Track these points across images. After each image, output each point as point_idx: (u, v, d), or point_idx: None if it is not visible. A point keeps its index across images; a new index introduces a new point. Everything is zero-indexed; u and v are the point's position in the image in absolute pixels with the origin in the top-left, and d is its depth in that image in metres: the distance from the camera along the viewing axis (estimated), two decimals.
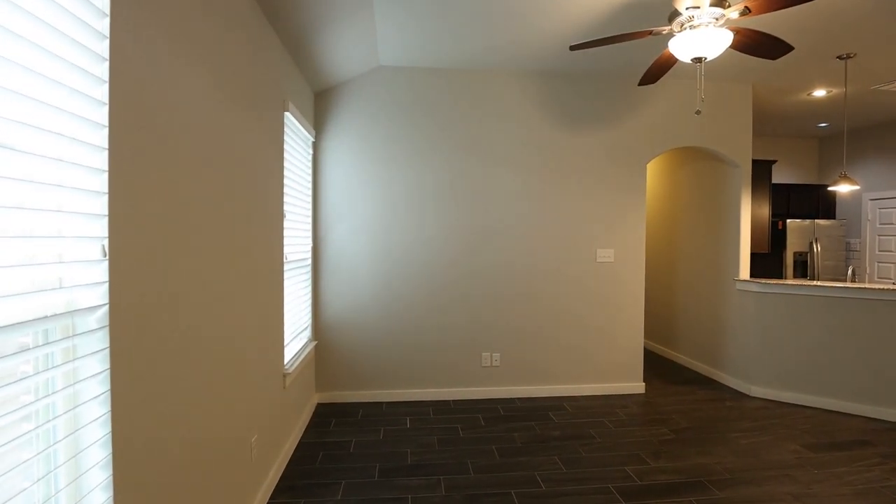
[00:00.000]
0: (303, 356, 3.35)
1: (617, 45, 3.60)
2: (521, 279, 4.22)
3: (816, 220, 5.93)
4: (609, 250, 4.33)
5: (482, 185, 4.16)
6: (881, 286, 3.82)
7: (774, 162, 5.65)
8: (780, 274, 5.97)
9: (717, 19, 2.39)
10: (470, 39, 3.53)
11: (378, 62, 3.95)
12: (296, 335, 3.42)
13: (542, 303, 4.26)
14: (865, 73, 4.20)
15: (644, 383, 4.48)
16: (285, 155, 3.03)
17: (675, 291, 5.51)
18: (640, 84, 3.09)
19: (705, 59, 2.46)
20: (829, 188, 4.04)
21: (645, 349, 6.05)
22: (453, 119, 4.11)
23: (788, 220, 5.86)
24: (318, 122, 3.99)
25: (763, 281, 4.28)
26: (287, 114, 2.99)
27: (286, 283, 3.09)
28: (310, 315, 3.88)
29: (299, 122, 3.26)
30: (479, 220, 4.17)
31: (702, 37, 2.34)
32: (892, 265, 5.82)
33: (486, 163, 4.16)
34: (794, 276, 5.90)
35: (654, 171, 5.99)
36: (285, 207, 3.03)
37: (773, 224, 5.96)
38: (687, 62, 2.61)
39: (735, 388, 4.54)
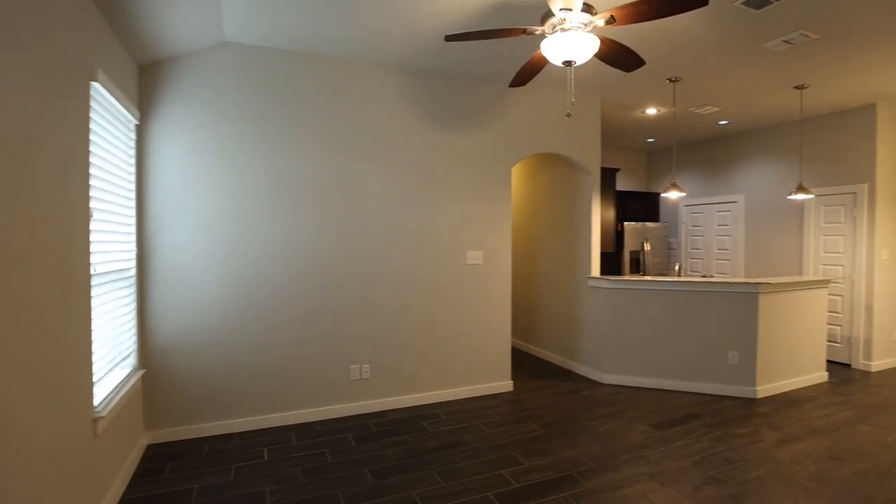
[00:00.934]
0: (124, 391, 2.68)
1: (489, 50, 3.58)
2: (391, 283, 4.00)
3: (646, 223, 6.77)
4: (478, 252, 4.34)
5: (348, 185, 3.83)
6: (699, 279, 4.43)
7: (618, 170, 6.29)
8: (619, 270, 6.68)
9: (585, 25, 2.44)
10: (334, 23, 3.19)
11: (223, 36, 3.38)
12: (113, 366, 2.72)
13: (412, 307, 4.08)
14: (687, 96, 4.84)
15: (512, 381, 4.58)
16: (92, 137, 2.36)
17: (535, 289, 5.80)
18: (511, 85, 3.08)
19: (575, 63, 2.49)
20: (662, 194, 4.57)
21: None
22: (317, 111, 3.71)
23: (625, 223, 6.59)
24: (144, 102, 3.27)
25: (612, 278, 4.68)
26: (95, 84, 2.33)
27: (96, 302, 2.42)
28: (134, 339, 3.15)
29: (115, 97, 2.59)
30: (344, 221, 3.83)
31: (572, 40, 2.36)
32: (700, 261, 6.90)
33: (354, 161, 3.84)
34: (630, 272, 6.65)
35: (516, 174, 6.25)
36: (93, 204, 2.37)
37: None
38: (558, 65, 2.64)
39: (590, 377, 4.90)
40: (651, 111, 5.36)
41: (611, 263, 6.68)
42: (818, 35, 3.44)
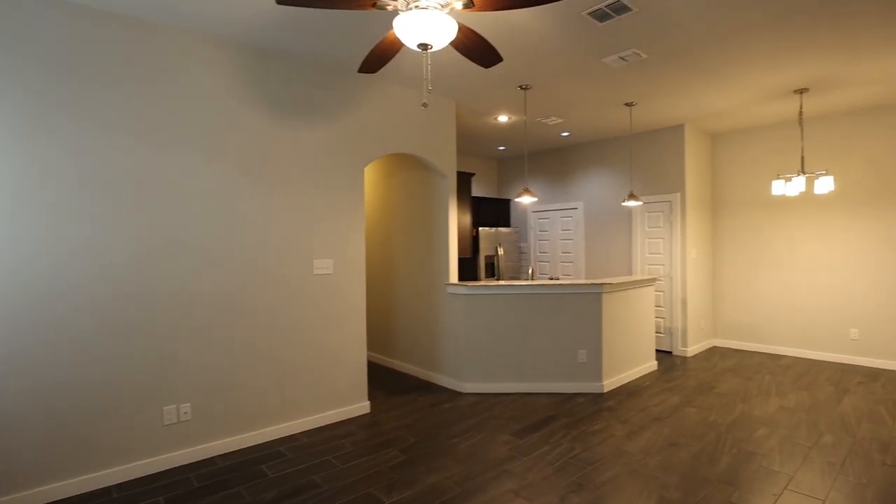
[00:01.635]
0: None
1: (339, 29, 3.15)
2: (219, 301, 3.30)
3: (499, 228, 6.93)
4: (327, 261, 3.85)
5: (162, 181, 3.05)
6: (550, 282, 4.55)
7: (473, 175, 6.31)
8: (476, 275, 6.72)
9: (442, 6, 2.18)
10: None
11: None
12: None
13: (248, 327, 3.43)
14: (536, 106, 4.99)
15: (369, 401, 4.17)
16: None
17: (393, 298, 5.48)
18: (361, 70, 2.70)
19: (431, 47, 2.22)
20: (516, 199, 4.61)
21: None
22: (120, 85, 2.87)
23: (480, 228, 6.65)
24: None
25: (469, 284, 4.57)
26: None
27: None
28: None
29: None
30: (156, 225, 3.04)
31: (428, 20, 2.08)
32: (547, 263, 7.30)
33: (170, 152, 3.07)
34: (486, 277, 6.73)
35: (371, 176, 5.86)
36: None
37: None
38: (413, 48, 2.34)
39: (451, 387, 4.72)
40: (503, 118, 5.44)
41: (467, 269, 6.69)
42: (648, 55, 3.72)
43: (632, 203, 5.01)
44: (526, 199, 4.47)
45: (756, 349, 6.03)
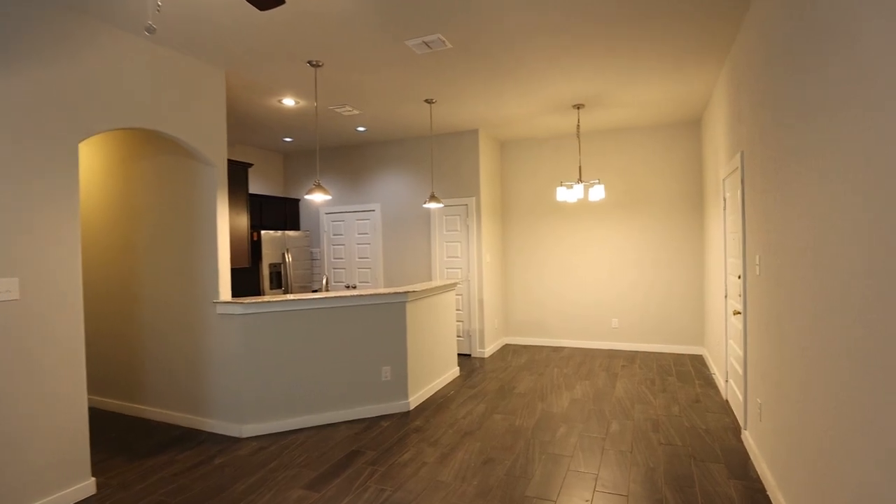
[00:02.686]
0: None
1: None
2: None
3: (287, 232, 6.02)
4: (10, 280, 2.49)
5: None
6: (348, 293, 3.96)
7: (251, 165, 5.25)
8: (259, 289, 5.67)
9: None
10: None
11: None
12: None
13: None
14: (329, 90, 4.32)
15: (94, 478, 2.89)
16: None
17: (138, 325, 4.10)
18: None
19: None
20: (306, 196, 3.87)
21: (96, 411, 4.29)
22: None
23: (263, 232, 5.64)
24: None
25: (247, 301, 3.64)
26: None
27: None
28: None
29: None
30: None
31: None
32: (343, 270, 6.67)
33: None
34: (271, 289, 5.75)
35: (96, 159, 4.32)
36: None
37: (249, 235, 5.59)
38: None
39: (225, 433, 3.69)
40: (289, 102, 4.62)
41: (247, 281, 5.59)
42: (452, 45, 3.45)
43: (433, 205, 4.77)
44: (317, 197, 3.78)
45: (541, 343, 6.51)
